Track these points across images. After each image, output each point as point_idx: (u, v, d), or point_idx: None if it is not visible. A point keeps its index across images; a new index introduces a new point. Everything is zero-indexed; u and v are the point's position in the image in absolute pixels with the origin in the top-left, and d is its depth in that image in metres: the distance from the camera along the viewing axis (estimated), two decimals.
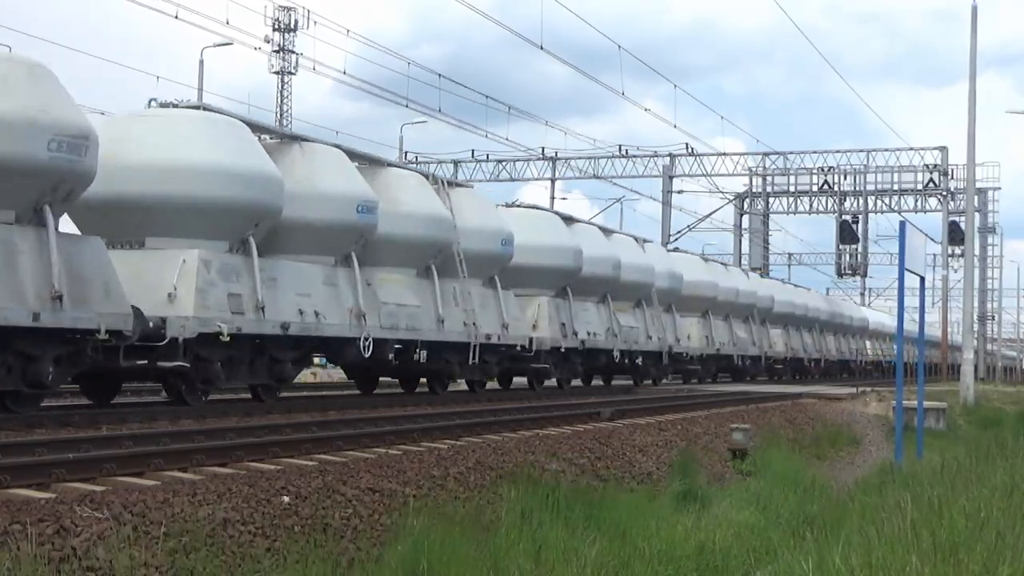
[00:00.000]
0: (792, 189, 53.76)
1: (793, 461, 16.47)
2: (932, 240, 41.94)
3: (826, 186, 52.08)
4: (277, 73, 50.73)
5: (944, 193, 49.30)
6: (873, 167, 51.04)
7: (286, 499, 8.58)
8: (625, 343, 28.58)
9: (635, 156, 50.16)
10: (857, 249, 53.95)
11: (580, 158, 50.03)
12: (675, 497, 12.51)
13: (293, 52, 49.37)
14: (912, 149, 50.38)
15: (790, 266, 71.74)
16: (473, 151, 50.13)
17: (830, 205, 53.09)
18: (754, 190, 55.94)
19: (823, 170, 51.67)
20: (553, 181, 51.01)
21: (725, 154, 51.09)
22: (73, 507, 7.26)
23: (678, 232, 53.18)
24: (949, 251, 52.99)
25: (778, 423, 20.90)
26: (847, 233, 53.07)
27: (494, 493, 10.69)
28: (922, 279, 19.22)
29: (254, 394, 17.88)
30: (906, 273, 16.92)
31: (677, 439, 16.26)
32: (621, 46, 33.12)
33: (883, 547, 7.15)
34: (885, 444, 21.60)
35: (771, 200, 55.87)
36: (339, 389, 25.41)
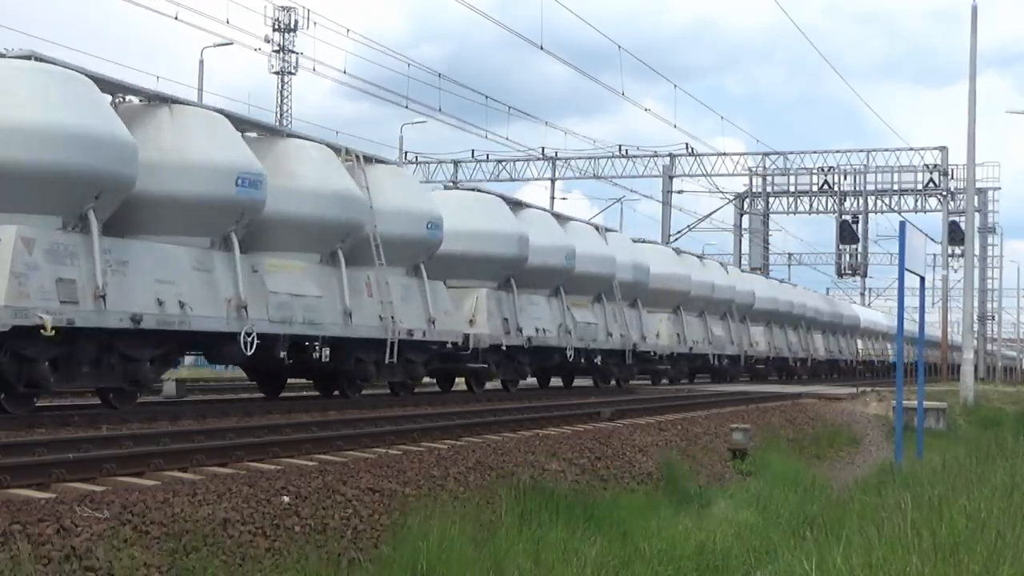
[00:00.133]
0: (792, 189, 53.83)
1: (793, 461, 16.49)
2: (932, 240, 41.97)
3: (826, 186, 52.13)
4: (277, 73, 50.74)
5: (944, 193, 49.34)
6: (873, 167, 51.13)
7: (286, 499, 8.58)
8: (581, 341, 26.09)
9: (635, 156, 50.25)
10: (857, 249, 54.02)
11: (580, 158, 50.14)
12: (671, 500, 12.52)
13: (293, 52, 49.39)
14: (912, 149, 50.48)
15: (790, 266, 72.00)
16: (473, 151, 50.27)
17: (830, 205, 53.15)
18: (754, 190, 56.00)
19: (823, 170, 51.72)
20: (553, 181, 51.11)
21: (725, 154, 51.18)
22: (73, 507, 7.25)
23: (678, 232, 53.31)
24: (949, 251, 53.04)
25: (778, 423, 20.89)
26: (847, 233, 53.12)
27: (494, 493, 10.69)
28: (922, 279, 19.23)
29: (103, 399, 15.17)
30: (906, 273, 16.93)
31: (677, 439, 16.25)
32: (621, 46, 33.18)
33: (883, 547, 7.15)
34: (885, 444, 21.60)
35: (771, 200, 55.93)
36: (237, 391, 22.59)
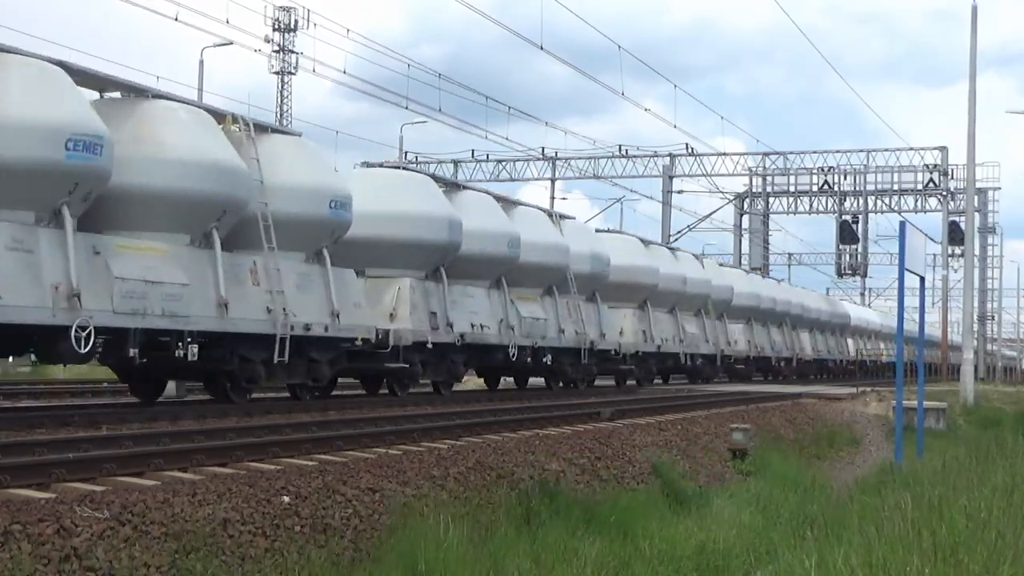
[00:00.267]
0: (792, 189, 53.83)
1: (793, 461, 16.51)
2: (932, 240, 41.96)
3: (826, 186, 52.13)
4: (277, 73, 50.68)
5: (944, 193, 49.33)
6: (873, 167, 51.12)
7: (286, 499, 8.58)
8: (527, 338, 23.61)
9: (635, 156, 50.25)
10: (857, 249, 54.02)
11: (580, 158, 50.12)
12: (671, 500, 12.53)
13: (293, 52, 49.35)
14: (912, 149, 50.46)
15: (790, 266, 71.98)
16: (473, 151, 50.25)
17: (830, 205, 53.15)
18: (754, 190, 56.01)
19: (823, 170, 51.72)
20: (553, 181, 51.11)
21: (725, 154, 51.17)
22: (73, 507, 7.25)
23: (678, 232, 53.33)
24: (949, 251, 53.03)
25: (778, 423, 20.90)
26: (847, 233, 53.13)
27: (494, 493, 10.68)
28: (922, 279, 19.23)
29: None
30: (906, 273, 16.93)
31: (677, 439, 16.25)
32: (621, 46, 33.10)
33: (883, 547, 7.15)
34: (885, 444, 21.61)
35: (771, 200, 55.94)
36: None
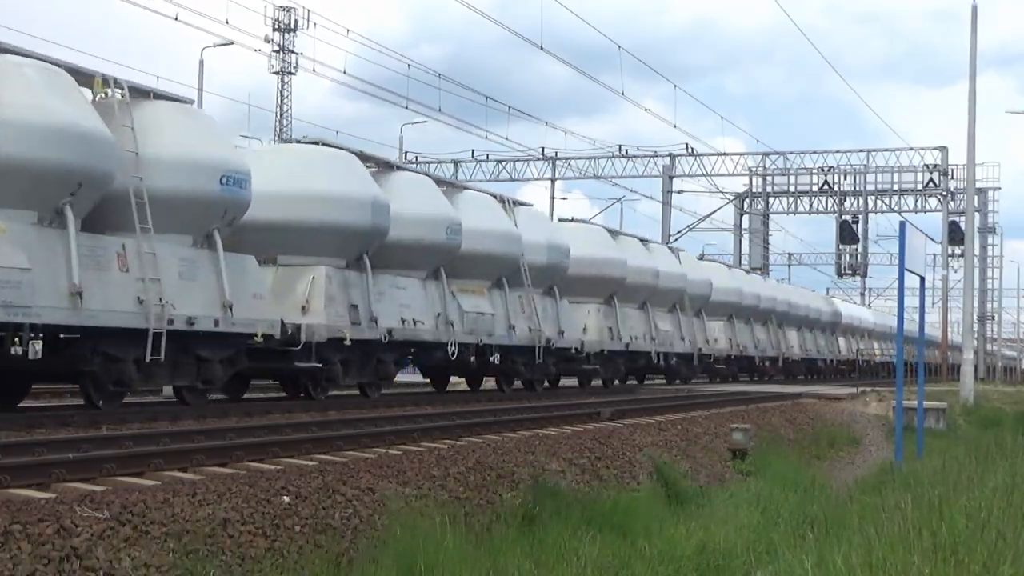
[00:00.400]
0: (792, 189, 53.86)
1: (793, 461, 16.51)
2: (932, 240, 41.96)
3: (826, 186, 52.16)
4: (277, 73, 50.73)
5: (944, 193, 49.35)
6: (873, 167, 51.16)
7: (286, 499, 8.57)
8: (471, 334, 21.41)
9: (635, 156, 50.28)
10: (857, 249, 54.05)
11: (580, 158, 50.15)
12: (671, 500, 12.53)
13: (293, 52, 49.40)
14: (912, 149, 50.50)
15: (790, 266, 72.00)
16: (473, 151, 50.28)
17: (830, 205, 53.17)
18: (754, 190, 56.04)
19: (823, 170, 51.76)
20: (553, 181, 51.14)
21: (725, 154, 51.20)
22: (73, 507, 7.25)
23: (678, 232, 53.36)
24: (949, 251, 53.07)
25: (778, 423, 20.91)
26: (847, 233, 53.15)
27: (494, 493, 10.68)
28: (922, 279, 19.24)
29: None
30: (906, 273, 16.94)
31: (677, 439, 16.25)
32: (621, 46, 33.14)
33: (883, 547, 7.15)
34: (885, 444, 21.61)
35: (771, 200, 55.97)
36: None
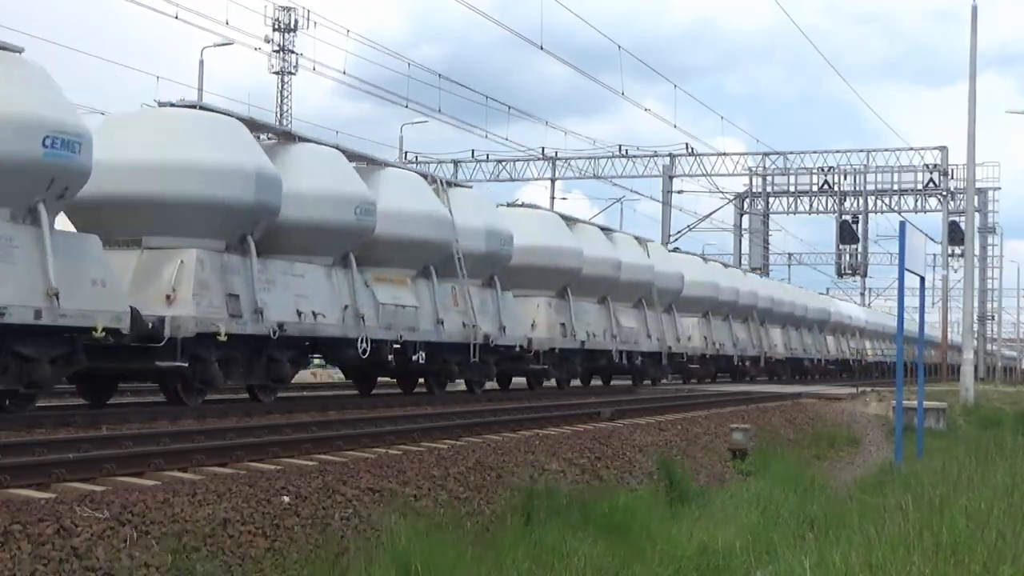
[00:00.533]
0: (792, 189, 53.87)
1: (793, 461, 16.50)
2: (932, 240, 41.97)
3: (826, 186, 52.17)
4: (277, 73, 50.72)
5: (944, 193, 49.36)
6: (873, 167, 51.18)
7: (286, 499, 8.57)
8: (388, 330, 19.33)
9: (635, 156, 50.27)
10: (857, 249, 54.06)
11: (580, 158, 50.14)
12: (671, 500, 12.54)
13: (293, 52, 49.38)
14: (912, 149, 50.51)
15: (790, 266, 71.97)
16: (473, 151, 50.25)
17: (830, 205, 53.18)
18: (754, 190, 56.05)
19: (823, 170, 51.77)
20: (553, 181, 51.14)
21: (725, 154, 51.20)
22: (73, 507, 7.25)
23: (678, 232, 53.33)
24: (949, 251, 53.07)
25: (778, 423, 20.91)
26: (847, 233, 53.16)
27: (494, 493, 10.68)
28: (922, 279, 19.25)
29: None
30: (906, 273, 16.94)
31: (677, 439, 16.25)
32: (621, 46, 33.12)
33: (883, 547, 7.15)
34: (885, 444, 21.61)
35: (771, 200, 55.98)
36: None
